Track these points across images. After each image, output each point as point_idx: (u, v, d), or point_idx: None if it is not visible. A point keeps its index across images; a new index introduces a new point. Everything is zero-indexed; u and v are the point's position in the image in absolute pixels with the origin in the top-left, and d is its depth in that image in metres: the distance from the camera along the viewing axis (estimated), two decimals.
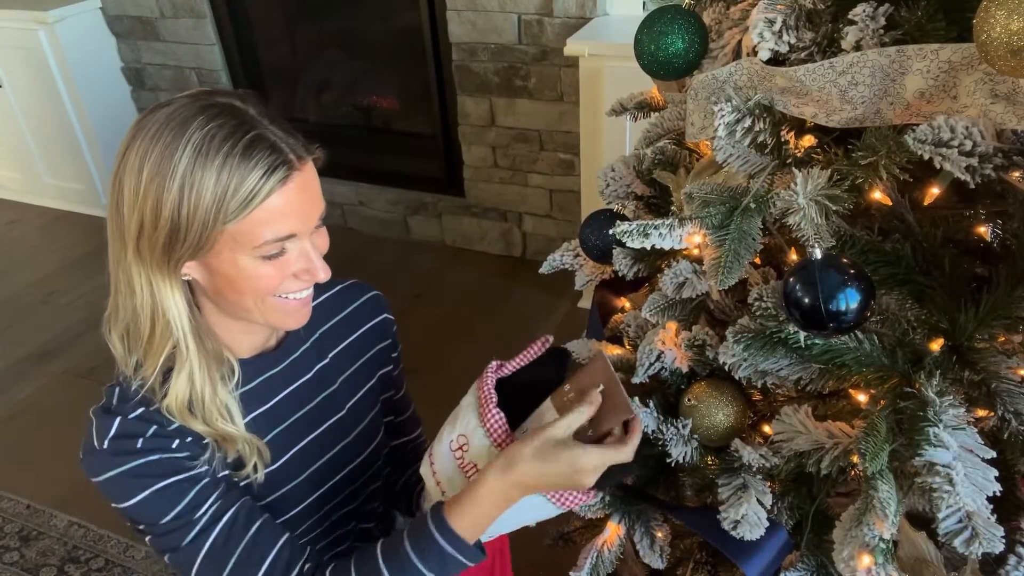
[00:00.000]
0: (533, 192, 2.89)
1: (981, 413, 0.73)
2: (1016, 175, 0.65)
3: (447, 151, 3.03)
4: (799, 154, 0.76)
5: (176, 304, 0.81)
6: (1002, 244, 0.74)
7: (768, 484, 0.80)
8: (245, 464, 0.89)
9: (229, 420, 0.86)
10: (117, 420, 0.83)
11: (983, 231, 0.75)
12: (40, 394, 2.55)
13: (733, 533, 0.79)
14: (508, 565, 1.17)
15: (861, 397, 0.77)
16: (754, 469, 0.80)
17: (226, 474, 0.89)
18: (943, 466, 0.63)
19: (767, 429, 0.84)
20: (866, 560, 0.71)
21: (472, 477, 0.85)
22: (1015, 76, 0.58)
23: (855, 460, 0.72)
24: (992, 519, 0.63)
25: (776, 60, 0.74)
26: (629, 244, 0.79)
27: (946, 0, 0.66)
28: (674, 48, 0.85)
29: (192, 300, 0.84)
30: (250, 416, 0.91)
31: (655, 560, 0.95)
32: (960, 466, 0.63)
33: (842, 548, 0.72)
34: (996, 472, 0.64)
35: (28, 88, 3.37)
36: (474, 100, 2.79)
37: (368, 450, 1.05)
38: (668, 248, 0.79)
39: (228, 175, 0.74)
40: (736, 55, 0.83)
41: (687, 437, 0.84)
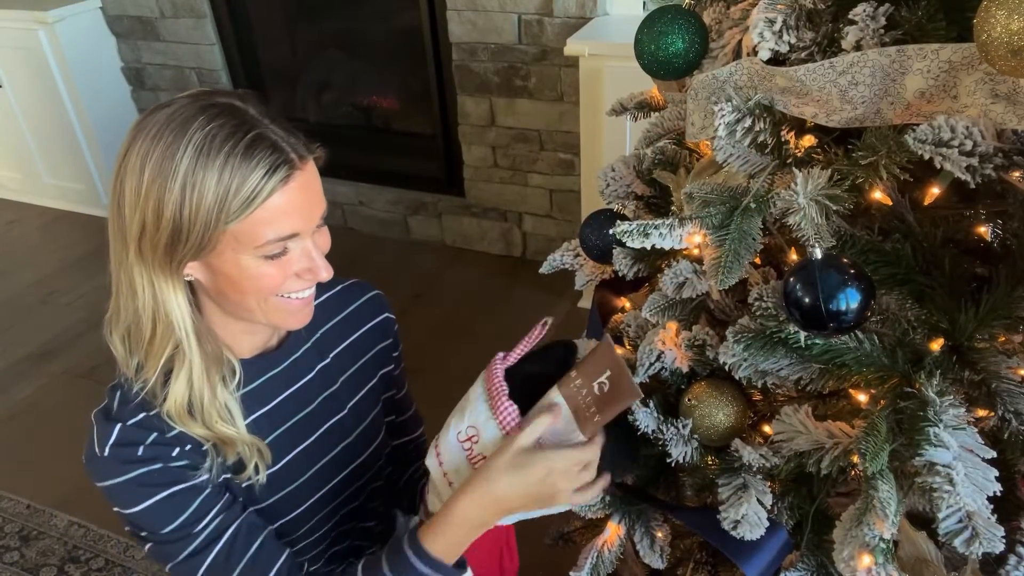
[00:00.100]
0: (533, 192, 2.89)
1: (981, 413, 0.73)
2: (1016, 175, 0.65)
3: (447, 151, 3.03)
4: (799, 154, 0.76)
5: (178, 305, 0.81)
6: (1002, 244, 0.74)
7: (768, 484, 0.80)
8: (246, 466, 0.89)
9: (230, 422, 0.86)
10: (117, 427, 0.83)
11: (983, 231, 0.75)
12: (40, 394, 2.55)
13: (733, 533, 0.79)
14: (515, 555, 1.16)
15: (861, 397, 0.77)
16: (754, 469, 0.80)
17: (227, 479, 0.89)
18: (943, 466, 0.63)
19: (767, 429, 0.84)
20: (866, 560, 0.71)
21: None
22: (1015, 76, 0.58)
23: (855, 460, 0.72)
24: (992, 519, 0.63)
25: (776, 60, 0.74)
26: (629, 244, 0.79)
27: (946, 0, 0.66)
28: (674, 48, 0.85)
29: (193, 301, 0.84)
30: (251, 417, 0.91)
31: (655, 560, 0.95)
32: (960, 466, 0.63)
33: (842, 548, 0.72)
34: (996, 472, 0.64)
35: (28, 88, 3.38)
36: (474, 100, 2.79)
37: (369, 450, 1.05)
38: (668, 248, 0.79)
39: (230, 175, 0.74)
40: (736, 55, 0.83)
41: (687, 437, 0.84)
